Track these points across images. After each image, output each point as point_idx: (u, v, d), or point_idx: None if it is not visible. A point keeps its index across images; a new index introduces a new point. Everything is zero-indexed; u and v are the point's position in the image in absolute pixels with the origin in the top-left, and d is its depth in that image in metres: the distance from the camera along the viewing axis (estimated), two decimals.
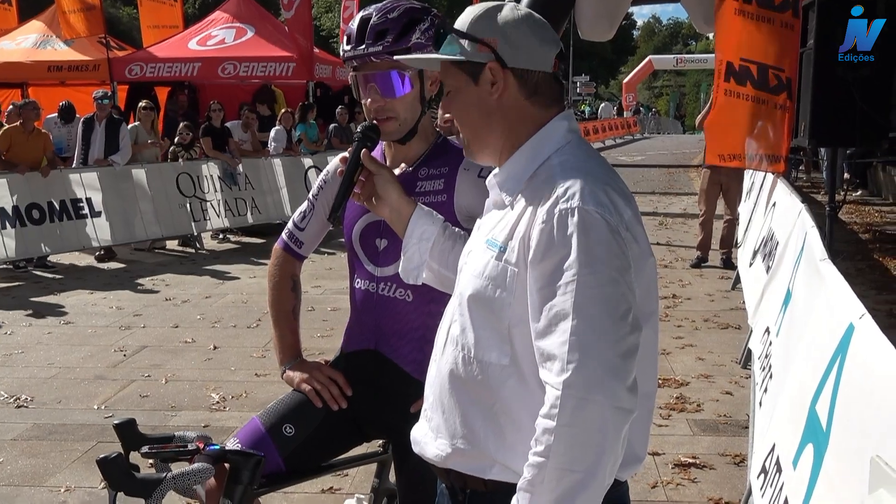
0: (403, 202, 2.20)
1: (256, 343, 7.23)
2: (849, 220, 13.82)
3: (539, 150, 1.87)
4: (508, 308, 1.77)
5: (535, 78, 1.87)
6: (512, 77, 1.87)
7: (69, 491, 4.53)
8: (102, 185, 11.40)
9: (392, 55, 2.40)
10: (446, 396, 1.90)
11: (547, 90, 1.90)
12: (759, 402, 4.35)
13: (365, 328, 2.69)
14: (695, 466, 4.70)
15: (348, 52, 2.47)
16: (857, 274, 9.39)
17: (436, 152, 2.59)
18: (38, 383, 6.30)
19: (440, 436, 1.93)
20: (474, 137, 1.95)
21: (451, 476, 1.93)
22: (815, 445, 2.53)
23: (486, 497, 1.87)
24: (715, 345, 6.99)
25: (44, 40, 16.37)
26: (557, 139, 1.88)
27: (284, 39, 16.00)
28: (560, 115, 1.91)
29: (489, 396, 1.82)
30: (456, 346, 1.88)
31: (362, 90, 2.50)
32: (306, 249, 2.87)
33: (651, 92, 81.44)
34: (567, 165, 1.79)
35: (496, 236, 1.83)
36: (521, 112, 1.89)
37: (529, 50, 1.86)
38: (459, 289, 1.91)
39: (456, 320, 1.90)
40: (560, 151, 1.85)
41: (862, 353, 2.35)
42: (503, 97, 1.88)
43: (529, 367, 1.76)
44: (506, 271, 1.78)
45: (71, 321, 8.18)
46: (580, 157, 1.83)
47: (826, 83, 6.48)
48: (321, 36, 38.02)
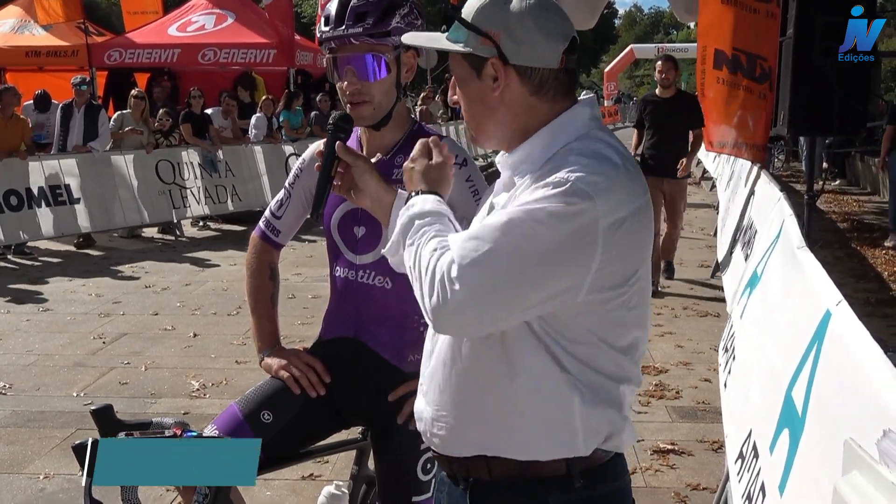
0: (383, 191, 2.16)
1: (236, 330, 7.21)
2: (827, 209, 13.92)
3: (557, 136, 1.80)
4: None
5: (540, 75, 1.78)
6: (514, 74, 1.78)
7: (48, 478, 4.51)
8: (81, 171, 11.32)
9: (372, 38, 2.40)
10: (446, 372, 1.87)
11: (554, 85, 1.80)
12: (724, 383, 4.38)
13: (345, 316, 2.69)
14: (673, 453, 4.74)
15: (326, 32, 2.45)
16: (835, 262, 9.46)
17: (411, 140, 2.57)
18: (17, 370, 6.27)
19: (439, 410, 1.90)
20: (479, 128, 1.90)
21: (453, 465, 1.91)
22: (790, 431, 2.55)
23: (491, 486, 1.85)
24: (694, 332, 7.03)
25: (21, 25, 16.18)
26: (578, 127, 1.80)
27: (265, 26, 15.91)
28: (583, 101, 1.84)
29: (489, 371, 1.80)
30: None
31: (338, 72, 2.48)
32: (283, 238, 2.87)
33: (633, 81, 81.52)
34: (585, 152, 1.72)
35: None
36: (529, 107, 1.82)
37: (533, 46, 1.76)
38: None
39: None
40: (581, 139, 1.78)
41: (838, 339, 2.37)
42: (505, 93, 1.80)
43: (530, 341, 1.74)
44: None
45: (50, 308, 8.13)
46: (600, 146, 1.76)
47: (805, 72, 6.51)
48: (302, 23, 37.76)
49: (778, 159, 19.06)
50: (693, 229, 12.29)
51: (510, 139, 1.85)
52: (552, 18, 1.79)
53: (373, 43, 2.41)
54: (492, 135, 1.89)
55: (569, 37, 1.80)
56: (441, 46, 1.89)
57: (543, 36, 1.77)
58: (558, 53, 1.78)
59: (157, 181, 12.08)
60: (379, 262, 2.56)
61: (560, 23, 1.80)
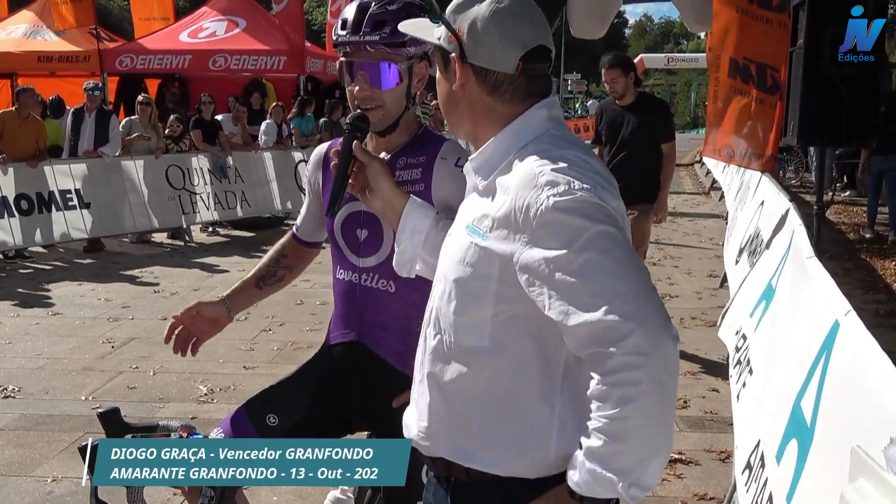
0: (396, 195, 2.20)
1: (245, 336, 7.22)
2: (837, 220, 13.88)
3: (516, 138, 1.84)
4: (490, 294, 1.78)
5: (495, 77, 1.84)
6: (471, 72, 1.85)
7: (56, 481, 4.52)
8: (91, 176, 11.37)
9: (387, 47, 2.41)
10: (432, 379, 1.92)
11: (510, 89, 1.85)
12: (737, 396, 4.38)
13: (348, 319, 2.70)
14: (681, 462, 4.72)
15: (343, 37, 2.46)
16: (844, 273, 9.43)
17: (414, 142, 2.60)
18: (26, 374, 6.29)
19: (422, 419, 1.95)
20: (448, 117, 1.97)
21: (436, 464, 1.95)
22: (798, 441, 2.55)
23: (470, 486, 1.89)
24: (702, 342, 7.02)
25: (34, 31, 16.29)
26: (536, 127, 1.85)
27: (276, 33, 15.97)
28: (540, 103, 1.88)
29: (471, 380, 1.83)
30: (438, 331, 1.89)
31: (350, 76, 2.49)
32: (302, 232, 2.92)
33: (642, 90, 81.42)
34: (545, 154, 1.76)
35: (476, 223, 1.82)
36: (486, 106, 1.87)
37: (490, 49, 1.82)
38: (442, 273, 1.92)
39: (437, 305, 1.91)
40: (538, 139, 1.83)
41: (847, 349, 2.37)
42: (465, 89, 1.87)
43: (511, 350, 1.77)
44: (489, 258, 1.77)
45: (59, 312, 8.15)
46: (558, 146, 1.80)
47: (815, 82, 6.50)
48: (313, 30, 37.91)
49: (788, 170, 19.00)
50: (702, 239, 12.28)
51: (474, 135, 1.93)
52: (517, 25, 1.83)
53: (388, 52, 2.42)
54: (458, 126, 1.97)
55: (530, 45, 1.83)
56: (420, 35, 1.99)
57: (503, 41, 1.82)
58: (514, 59, 1.82)
59: (167, 186, 12.12)
60: (382, 265, 2.58)
61: (525, 30, 1.83)
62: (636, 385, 1.57)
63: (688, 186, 20.51)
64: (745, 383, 4.24)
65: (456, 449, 1.88)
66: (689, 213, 15.36)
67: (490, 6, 1.82)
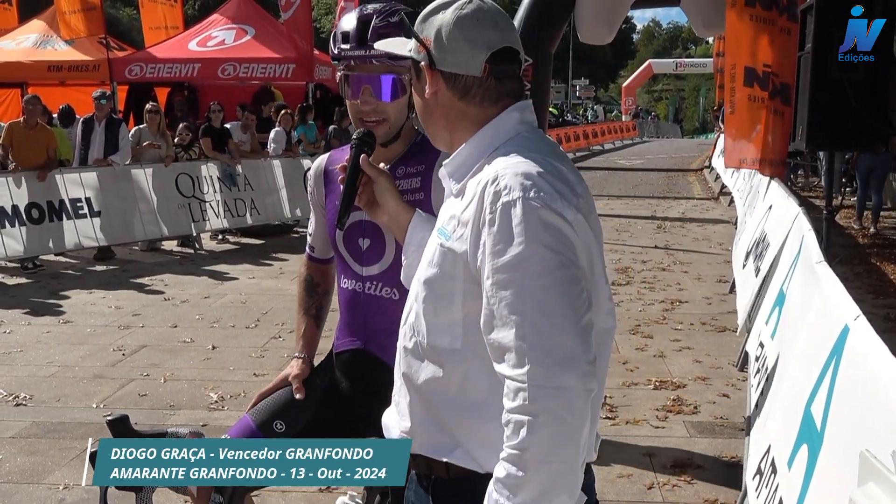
0: (402, 209, 2.22)
1: (255, 343, 7.24)
2: (846, 224, 13.84)
3: (487, 142, 1.88)
4: (458, 295, 1.81)
5: (464, 81, 1.87)
6: (441, 79, 1.89)
7: (67, 488, 4.54)
8: (102, 184, 11.41)
9: (393, 59, 2.42)
10: (408, 380, 1.95)
11: (480, 91, 1.88)
12: (755, 404, 4.38)
13: (353, 327, 2.72)
14: (691, 468, 4.72)
15: (347, 50, 2.47)
16: (854, 278, 9.41)
17: (413, 151, 2.62)
18: (38, 382, 6.31)
19: (404, 418, 1.98)
20: (426, 128, 2.01)
21: (417, 461, 1.97)
22: (809, 446, 2.55)
23: (449, 483, 1.91)
24: (712, 347, 7.00)
25: (44, 40, 16.38)
26: (507, 130, 1.89)
27: (284, 41, 16.01)
28: (513, 106, 1.91)
29: (445, 381, 1.86)
30: (412, 332, 1.92)
31: (353, 90, 2.50)
32: (320, 252, 2.95)
33: (650, 96, 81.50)
34: (512, 156, 1.79)
35: (445, 225, 1.86)
36: (458, 111, 1.91)
37: (456, 54, 1.86)
38: (417, 275, 1.95)
39: (412, 306, 1.94)
40: (508, 143, 1.86)
41: (857, 353, 2.37)
42: (437, 96, 1.91)
43: (484, 352, 1.78)
44: (452, 258, 1.81)
45: (70, 320, 8.19)
46: (527, 148, 1.83)
47: (823, 87, 6.51)
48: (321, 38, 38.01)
49: (798, 175, 18.97)
50: (711, 244, 12.27)
51: (449, 141, 1.96)
52: (481, 29, 1.87)
53: (392, 64, 2.43)
54: (435, 135, 2.00)
55: (495, 46, 1.87)
56: (394, 50, 2.04)
57: (468, 45, 1.86)
58: (481, 62, 1.86)
59: (176, 195, 12.15)
60: (385, 274, 2.59)
61: (489, 34, 1.87)
62: (533, 416, 1.61)
63: (697, 192, 20.49)
64: (763, 391, 4.24)
65: (435, 447, 1.91)
66: (698, 218, 15.35)
67: (454, 13, 1.87)
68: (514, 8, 11.48)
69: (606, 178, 23.05)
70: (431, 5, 1.92)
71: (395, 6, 2.52)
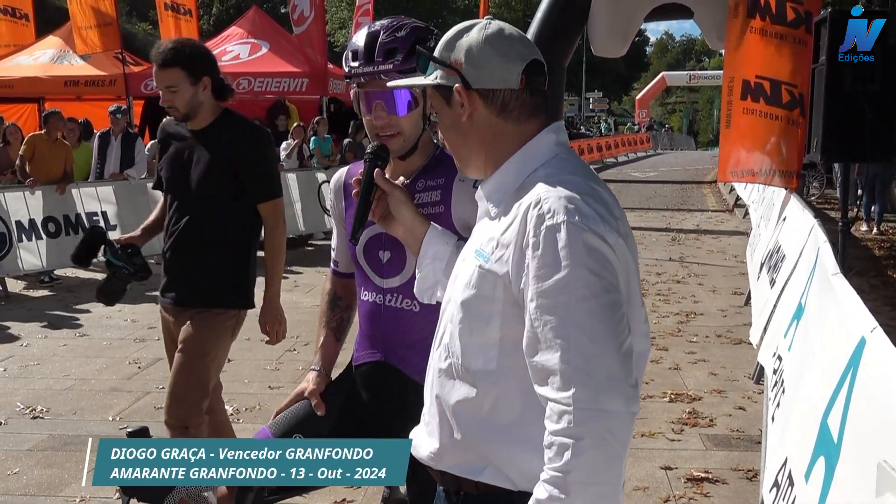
0: (417, 222, 2.24)
1: (270, 356, 7.25)
2: (862, 236, 13.78)
3: (525, 163, 1.89)
4: (496, 317, 1.81)
5: (501, 96, 1.88)
6: (478, 97, 1.89)
7: (84, 501, 4.56)
8: (118, 198, 11.49)
9: (401, 74, 2.43)
10: (440, 401, 1.95)
11: (519, 106, 1.89)
12: (772, 416, 4.35)
13: (373, 340, 2.73)
14: (707, 481, 4.70)
15: (356, 68, 2.50)
16: (871, 290, 9.36)
17: (433, 164, 2.63)
18: (54, 395, 6.35)
19: (433, 438, 1.97)
20: (457, 155, 2.00)
21: (446, 478, 1.97)
22: (826, 458, 2.54)
23: (479, 500, 1.91)
24: (728, 360, 6.98)
25: (60, 55, 16.53)
26: (544, 152, 1.90)
27: (299, 55, 16.10)
28: (548, 128, 1.93)
29: (478, 402, 1.86)
30: (447, 353, 1.93)
31: (366, 106, 2.52)
32: (343, 266, 2.95)
33: (664, 108, 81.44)
34: (553, 179, 1.80)
35: (484, 247, 1.86)
36: (496, 129, 1.91)
37: (491, 69, 1.87)
38: (452, 296, 1.95)
39: (446, 327, 1.94)
40: (546, 164, 1.87)
41: (873, 365, 2.36)
42: (473, 118, 1.90)
43: (518, 374, 1.79)
44: (493, 280, 1.81)
45: (86, 333, 8.23)
46: (566, 170, 1.84)
47: (837, 98, 6.49)
48: (335, 52, 38.18)
49: (813, 186, 18.90)
50: (726, 256, 12.24)
51: (485, 165, 1.95)
52: (511, 43, 1.89)
53: (400, 78, 2.45)
54: (468, 162, 1.99)
55: (528, 58, 1.89)
56: (413, 83, 2.05)
57: (502, 59, 1.87)
58: (517, 74, 1.87)
59: None
60: (405, 286, 2.60)
61: (520, 47, 1.89)
62: (577, 439, 1.61)
63: (711, 204, 20.44)
64: (780, 403, 4.22)
65: (465, 466, 1.91)
66: (713, 230, 15.32)
67: (479, 32, 1.89)
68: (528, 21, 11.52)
69: (620, 191, 23.02)
70: (450, 32, 1.93)
71: (402, 21, 2.55)
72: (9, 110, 15.97)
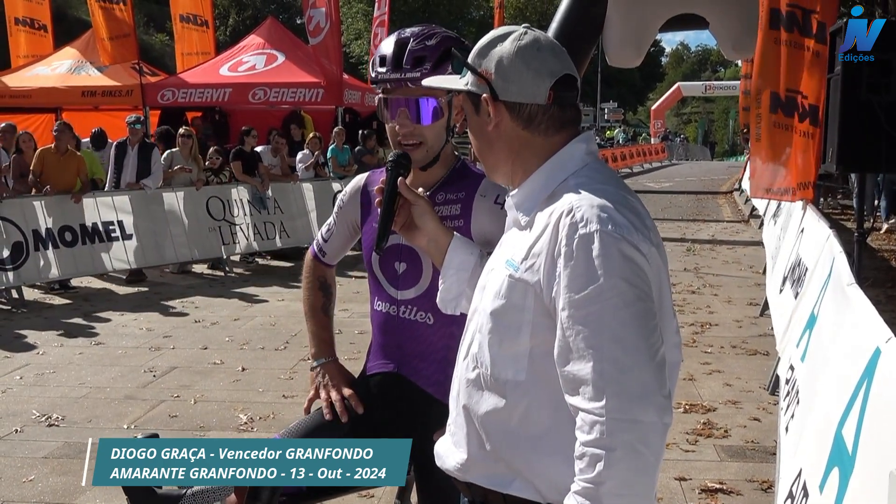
0: (441, 232, 2.22)
1: (284, 365, 7.28)
2: (878, 246, 13.69)
3: (556, 173, 1.88)
4: (526, 326, 1.80)
5: (528, 110, 1.87)
6: (504, 109, 1.88)
7: None
8: (134, 208, 11.55)
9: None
10: (468, 411, 1.93)
11: (545, 119, 1.88)
12: (786, 427, 4.33)
13: (387, 350, 2.72)
14: (722, 492, 4.67)
15: (383, 74, 2.47)
16: (887, 301, 9.29)
17: (454, 177, 2.61)
18: (69, 403, 6.38)
19: (461, 449, 1.96)
20: (484, 161, 2.00)
21: (473, 490, 1.96)
22: (840, 469, 2.52)
23: None
24: (743, 371, 6.95)
25: (78, 66, 16.66)
26: (575, 162, 1.88)
27: (314, 65, 16.14)
28: (578, 137, 1.91)
29: (507, 413, 1.85)
30: (475, 363, 1.91)
31: (390, 113, 2.50)
32: (331, 259, 2.97)
33: (680, 119, 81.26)
34: (584, 188, 1.79)
35: (514, 256, 1.85)
36: (523, 141, 1.90)
37: (521, 83, 1.86)
38: (480, 306, 1.93)
39: (475, 338, 1.92)
40: (577, 174, 1.86)
41: (888, 376, 2.35)
42: (500, 128, 1.90)
43: (548, 385, 1.78)
44: (523, 290, 1.80)
45: (102, 342, 8.27)
46: (597, 180, 1.83)
47: (853, 109, 6.48)
48: (350, 62, 38.33)
49: (829, 196, 18.80)
50: (742, 267, 12.19)
51: (512, 173, 1.95)
52: (543, 57, 1.87)
53: (427, 87, 2.44)
54: (495, 168, 1.99)
55: (558, 74, 1.87)
56: (445, 85, 2.04)
57: (531, 73, 1.86)
58: (545, 89, 1.86)
59: (207, 218, 12.26)
60: (420, 298, 2.59)
61: (551, 62, 1.88)
62: (610, 450, 1.60)
63: (727, 214, 20.36)
64: (794, 414, 4.20)
65: (493, 477, 1.90)
66: (728, 240, 15.25)
67: (513, 44, 1.88)
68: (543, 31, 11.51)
69: None
70: (485, 39, 1.92)
71: (433, 29, 2.53)
72: (27, 120, 16.09)
